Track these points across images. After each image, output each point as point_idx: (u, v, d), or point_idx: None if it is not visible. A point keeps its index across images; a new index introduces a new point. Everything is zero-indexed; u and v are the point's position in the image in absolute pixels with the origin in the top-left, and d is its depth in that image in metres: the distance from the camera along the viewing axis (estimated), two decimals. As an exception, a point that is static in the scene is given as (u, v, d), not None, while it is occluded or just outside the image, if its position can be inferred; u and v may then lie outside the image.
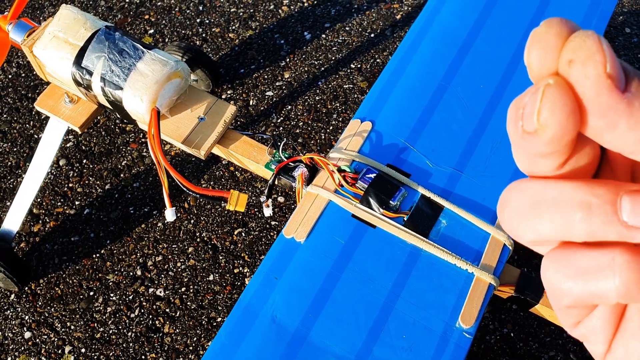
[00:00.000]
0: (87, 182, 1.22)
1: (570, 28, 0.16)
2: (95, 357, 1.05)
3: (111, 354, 1.05)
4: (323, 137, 1.27)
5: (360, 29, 1.43)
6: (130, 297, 1.10)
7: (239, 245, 1.15)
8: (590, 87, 0.15)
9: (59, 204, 1.20)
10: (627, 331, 0.18)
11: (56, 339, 1.07)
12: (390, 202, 0.74)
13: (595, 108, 0.15)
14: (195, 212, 1.19)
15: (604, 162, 0.19)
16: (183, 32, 1.43)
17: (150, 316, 1.08)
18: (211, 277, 1.12)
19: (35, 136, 1.28)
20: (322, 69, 1.36)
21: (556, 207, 0.17)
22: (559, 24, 0.16)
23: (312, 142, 1.26)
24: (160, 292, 1.11)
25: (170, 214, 0.80)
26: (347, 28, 1.43)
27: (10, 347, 1.06)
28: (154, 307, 1.09)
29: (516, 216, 0.18)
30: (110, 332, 1.07)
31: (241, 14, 1.46)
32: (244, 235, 1.16)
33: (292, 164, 0.80)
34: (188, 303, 1.10)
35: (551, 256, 0.18)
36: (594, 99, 0.15)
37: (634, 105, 0.15)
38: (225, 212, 1.18)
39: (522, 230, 0.18)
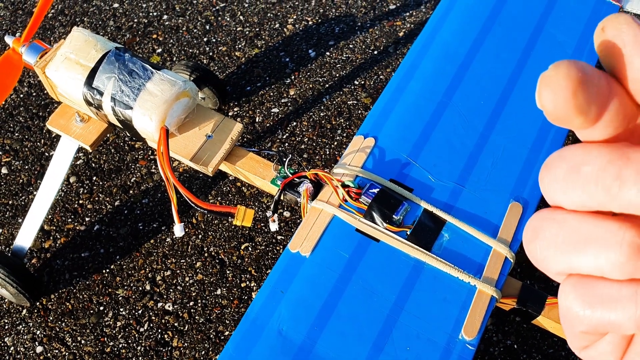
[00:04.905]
0: (97, 198, 1.25)
1: (578, 68, 0.16)
2: (105, 371, 1.07)
3: (121, 368, 1.07)
4: (328, 152, 1.29)
5: (363, 47, 1.45)
6: (140, 312, 1.12)
7: (246, 259, 1.17)
8: (626, 30, 0.16)
9: (70, 220, 1.22)
10: (633, 353, 0.19)
11: (67, 354, 1.08)
12: (394, 216, 0.75)
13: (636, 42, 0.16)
14: (203, 227, 1.21)
15: None
16: (190, 51, 1.46)
17: (159, 330, 1.10)
18: (219, 292, 1.14)
19: (46, 154, 1.31)
20: (327, 85, 1.39)
21: (603, 246, 0.17)
22: (566, 65, 0.16)
23: (317, 157, 1.28)
24: (169, 306, 1.12)
25: (179, 230, 0.82)
26: (350, 45, 1.46)
27: (22, 362, 1.08)
28: (163, 321, 1.11)
29: (551, 248, 0.18)
30: (120, 346, 1.09)
31: (247, 32, 1.49)
32: (250, 249, 1.18)
33: (297, 180, 0.82)
34: (196, 317, 1.11)
35: (572, 283, 0.18)
36: (633, 36, 0.16)
37: None
38: (233, 227, 1.20)
39: (555, 262, 0.18)
